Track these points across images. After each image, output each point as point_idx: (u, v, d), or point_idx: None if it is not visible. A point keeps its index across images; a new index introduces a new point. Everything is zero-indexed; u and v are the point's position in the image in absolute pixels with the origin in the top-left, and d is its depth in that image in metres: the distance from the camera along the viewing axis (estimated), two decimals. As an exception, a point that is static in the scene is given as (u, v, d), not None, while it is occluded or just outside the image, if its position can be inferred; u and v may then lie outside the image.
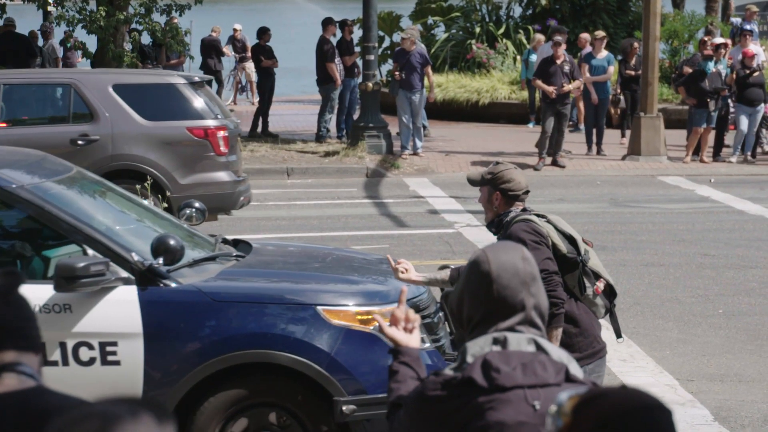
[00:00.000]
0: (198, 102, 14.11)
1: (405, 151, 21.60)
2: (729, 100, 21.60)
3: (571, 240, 6.36)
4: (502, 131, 25.67)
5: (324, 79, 23.01)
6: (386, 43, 29.46)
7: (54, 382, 6.84)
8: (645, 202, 17.95)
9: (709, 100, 21.15)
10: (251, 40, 27.59)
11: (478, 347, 3.43)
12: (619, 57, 23.61)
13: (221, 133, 14.07)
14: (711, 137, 21.71)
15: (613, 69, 22.91)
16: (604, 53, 22.90)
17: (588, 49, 23.31)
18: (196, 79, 14.65)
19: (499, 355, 3.39)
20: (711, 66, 21.49)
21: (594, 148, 22.43)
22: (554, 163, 20.84)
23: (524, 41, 27.89)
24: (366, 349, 6.92)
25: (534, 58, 24.16)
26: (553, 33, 23.25)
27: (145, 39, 24.25)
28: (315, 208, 17.37)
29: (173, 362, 6.89)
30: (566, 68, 20.35)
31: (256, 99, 26.22)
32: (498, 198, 6.36)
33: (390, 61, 26.76)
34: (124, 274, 6.90)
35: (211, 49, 27.35)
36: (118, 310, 6.87)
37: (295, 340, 6.82)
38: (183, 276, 7.08)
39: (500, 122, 26.68)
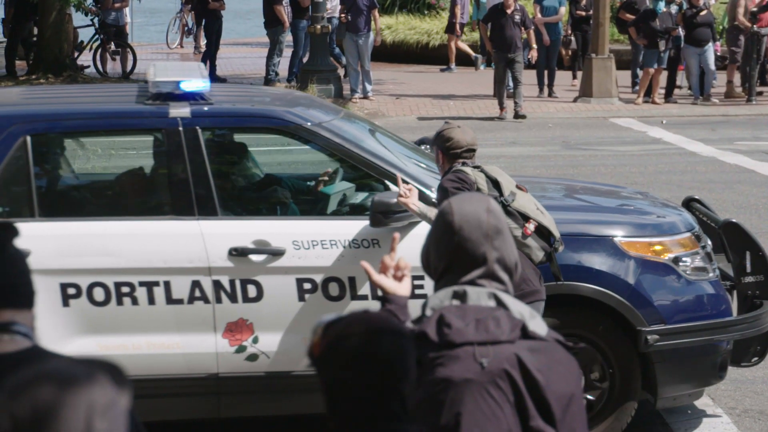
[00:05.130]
0: None
1: (355, 94, 21.39)
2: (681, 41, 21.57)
3: (495, 184, 6.53)
4: (453, 74, 25.50)
5: (272, 22, 22.73)
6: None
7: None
8: (597, 145, 17.89)
9: (659, 40, 21.08)
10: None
11: (438, 300, 3.37)
12: (570, -3, 23.47)
13: None
14: (663, 78, 21.67)
15: (564, 10, 22.77)
16: (555, -6, 22.74)
17: None
18: None
19: (456, 310, 3.32)
20: (661, 6, 21.42)
21: (545, 90, 22.33)
22: (517, 116, 19.87)
23: (474, -18, 27.66)
24: (662, 278, 7.07)
25: (484, -1, 23.97)
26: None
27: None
28: (264, 154, 17.09)
29: None
30: (517, 17, 19.65)
31: (204, 42, 25.86)
32: (442, 157, 6.68)
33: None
34: None
35: None
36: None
37: (598, 272, 6.98)
38: None
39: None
